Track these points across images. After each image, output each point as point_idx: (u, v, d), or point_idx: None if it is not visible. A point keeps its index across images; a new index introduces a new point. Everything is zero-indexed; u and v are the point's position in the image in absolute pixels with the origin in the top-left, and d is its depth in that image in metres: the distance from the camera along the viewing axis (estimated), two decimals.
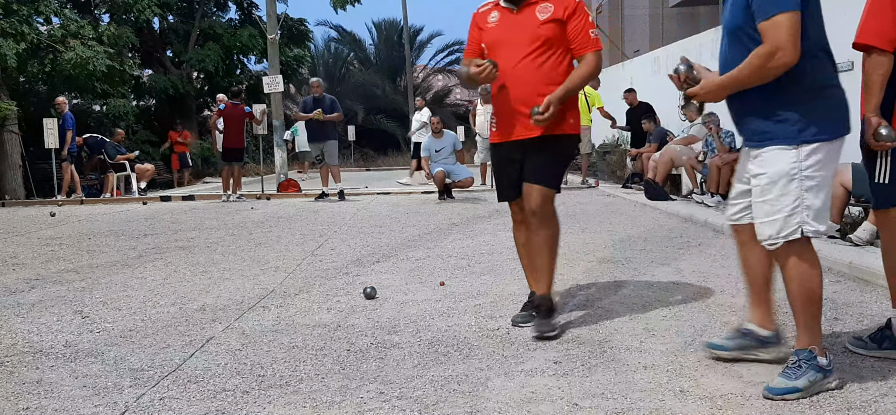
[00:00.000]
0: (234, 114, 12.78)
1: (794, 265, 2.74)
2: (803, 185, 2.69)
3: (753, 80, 2.71)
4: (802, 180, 2.69)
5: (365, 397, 2.83)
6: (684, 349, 3.34)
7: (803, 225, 2.70)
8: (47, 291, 5.07)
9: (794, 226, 2.71)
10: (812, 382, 2.71)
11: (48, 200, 13.31)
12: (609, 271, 5.22)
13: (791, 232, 2.71)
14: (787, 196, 2.70)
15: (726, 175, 9.02)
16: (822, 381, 2.73)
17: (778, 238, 2.74)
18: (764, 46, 2.64)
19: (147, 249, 6.94)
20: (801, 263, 2.74)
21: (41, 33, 15.55)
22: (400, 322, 3.93)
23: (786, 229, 2.72)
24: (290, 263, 5.97)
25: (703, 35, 12.53)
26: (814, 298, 2.75)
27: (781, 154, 2.70)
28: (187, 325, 4.02)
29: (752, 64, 2.68)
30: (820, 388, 2.73)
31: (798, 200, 2.69)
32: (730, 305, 4.14)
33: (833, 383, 2.76)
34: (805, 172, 2.68)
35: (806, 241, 2.73)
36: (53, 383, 3.11)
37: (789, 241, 2.72)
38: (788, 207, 2.70)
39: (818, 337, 2.78)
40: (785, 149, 2.70)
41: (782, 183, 2.71)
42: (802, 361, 2.74)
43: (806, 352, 2.75)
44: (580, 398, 2.77)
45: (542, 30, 3.60)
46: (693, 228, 7.47)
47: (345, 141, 21.54)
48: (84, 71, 15.02)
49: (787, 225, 2.71)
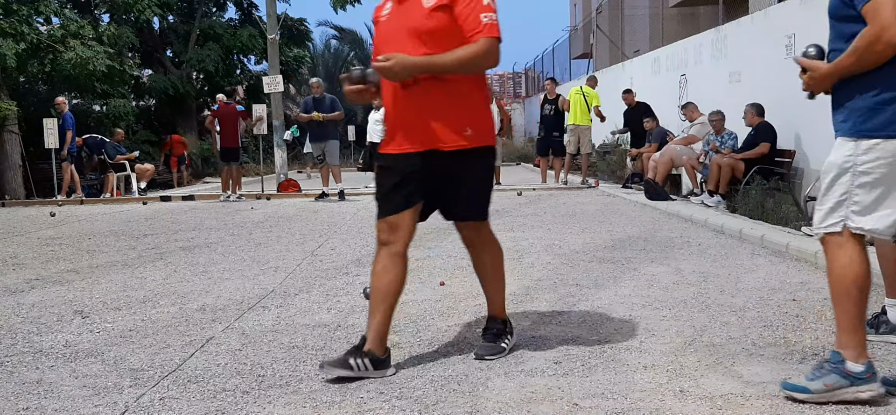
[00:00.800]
0: (228, 113, 12.83)
1: (832, 259, 2.66)
2: (856, 180, 2.60)
3: (859, 66, 2.58)
4: (856, 175, 2.60)
5: (365, 397, 2.83)
6: (684, 349, 3.34)
7: (847, 220, 2.61)
8: (47, 291, 5.07)
9: (836, 219, 2.63)
10: (830, 386, 2.59)
11: (48, 201, 13.30)
12: (609, 271, 5.22)
13: (832, 224, 2.64)
14: (837, 188, 2.63)
15: (726, 175, 9.02)
16: (846, 387, 2.59)
17: (819, 228, 2.68)
18: (868, 29, 2.51)
19: (147, 249, 6.94)
20: (839, 257, 2.64)
21: (41, 33, 15.56)
22: (400, 322, 3.93)
23: (827, 221, 2.66)
24: (290, 263, 5.97)
25: (702, 35, 12.53)
26: (850, 297, 2.61)
27: (842, 145, 2.64)
28: (187, 325, 4.02)
29: (857, 49, 2.56)
30: (842, 395, 2.59)
31: (846, 194, 2.61)
32: (730, 306, 4.14)
33: (864, 392, 2.58)
34: (860, 168, 2.58)
35: (850, 236, 2.63)
36: (53, 383, 3.11)
37: (831, 233, 2.65)
38: (834, 199, 2.64)
39: (854, 340, 2.62)
40: (845, 140, 2.63)
41: (834, 174, 2.64)
42: (828, 362, 2.65)
43: (835, 354, 2.64)
44: (580, 398, 2.77)
45: (429, 20, 3.03)
46: (693, 228, 7.46)
47: (345, 141, 21.54)
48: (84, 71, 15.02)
49: (830, 217, 2.65)
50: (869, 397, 2.59)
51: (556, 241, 6.70)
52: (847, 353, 2.61)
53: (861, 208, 2.60)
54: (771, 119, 8.90)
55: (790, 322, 3.77)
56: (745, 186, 8.58)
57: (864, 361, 2.61)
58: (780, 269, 5.22)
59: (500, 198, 11.18)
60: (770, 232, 6.45)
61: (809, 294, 4.39)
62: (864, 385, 2.59)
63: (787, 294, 4.40)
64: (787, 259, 5.57)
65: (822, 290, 4.49)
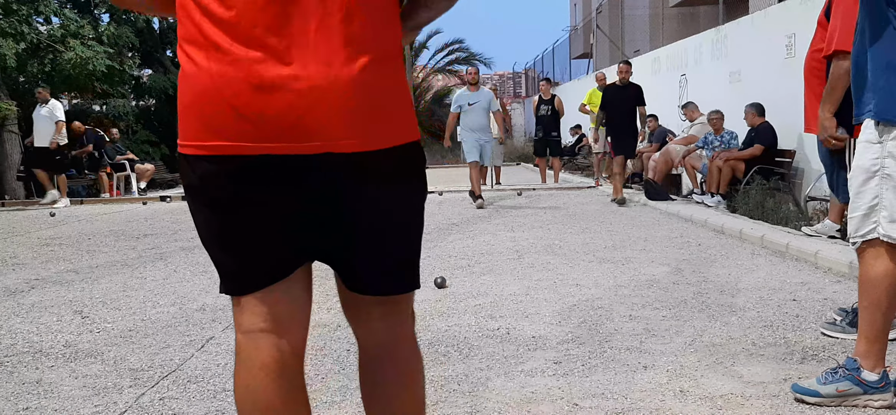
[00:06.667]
0: None
1: (868, 267, 2.57)
2: (884, 184, 2.50)
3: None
4: (884, 179, 2.50)
5: None
6: (684, 349, 3.34)
7: (878, 227, 2.52)
8: (47, 291, 5.07)
9: (871, 225, 2.54)
10: (842, 391, 2.56)
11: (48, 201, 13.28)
12: (609, 271, 5.22)
13: (868, 232, 2.54)
14: (866, 193, 2.53)
15: (726, 175, 9.02)
16: (860, 395, 2.56)
17: (856, 237, 2.58)
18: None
19: (147, 249, 6.94)
20: (875, 267, 2.54)
21: (41, 33, 15.55)
22: None
23: (863, 228, 2.56)
24: None
25: (702, 35, 12.53)
26: (879, 308, 2.53)
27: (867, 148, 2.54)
28: (187, 325, 4.02)
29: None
30: (854, 402, 2.56)
31: (877, 199, 2.51)
32: (730, 305, 4.14)
33: (877, 402, 2.55)
34: (887, 170, 2.49)
35: (887, 245, 2.52)
36: (53, 383, 3.11)
37: (868, 241, 2.55)
38: (866, 205, 2.54)
39: (874, 348, 2.57)
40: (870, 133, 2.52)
41: (863, 178, 2.55)
42: (844, 367, 2.60)
43: (851, 360, 2.60)
44: (580, 398, 2.77)
45: None
46: (693, 228, 7.46)
47: None
48: (84, 71, 15.01)
49: (864, 224, 2.55)
50: (880, 406, 2.56)
51: (556, 241, 6.70)
52: (865, 361, 2.57)
53: (891, 214, 2.50)
54: (771, 119, 8.89)
55: (790, 322, 3.77)
56: (745, 185, 8.58)
57: (881, 370, 2.57)
58: (780, 269, 5.22)
59: (500, 197, 11.19)
60: (770, 232, 6.45)
61: (809, 294, 4.39)
62: (877, 395, 2.56)
63: (787, 294, 4.40)
64: (787, 259, 5.57)
65: (822, 290, 4.50)
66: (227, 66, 1.40)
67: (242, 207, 1.47)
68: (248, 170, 1.44)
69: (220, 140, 1.42)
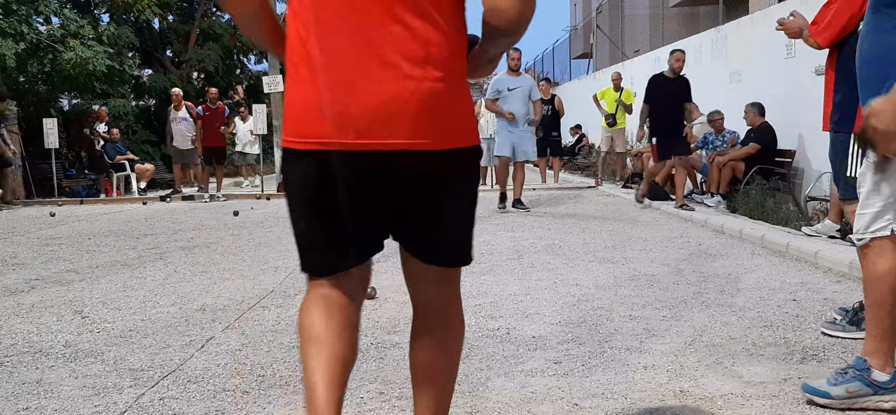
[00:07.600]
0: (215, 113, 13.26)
1: (871, 264, 2.53)
2: None
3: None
4: None
5: (365, 397, 2.83)
6: (684, 349, 3.34)
7: (893, 224, 2.47)
8: (47, 291, 5.07)
9: (883, 223, 2.48)
10: (853, 392, 2.53)
11: (48, 200, 13.30)
12: (609, 271, 5.22)
13: (880, 228, 2.48)
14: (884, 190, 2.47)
15: (727, 175, 9.02)
16: (870, 396, 2.53)
17: (866, 233, 2.52)
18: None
19: (147, 249, 6.94)
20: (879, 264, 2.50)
21: (41, 33, 15.55)
22: (400, 322, 3.93)
23: (875, 225, 2.49)
24: (290, 263, 5.96)
25: (702, 35, 12.52)
26: (884, 306, 2.50)
27: None
28: (187, 325, 4.02)
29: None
30: (864, 403, 2.53)
31: (893, 196, 2.46)
32: (730, 305, 4.14)
33: (887, 402, 2.50)
34: None
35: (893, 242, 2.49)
36: (53, 383, 3.11)
37: (876, 238, 2.50)
38: (881, 202, 2.49)
39: (882, 347, 2.52)
40: None
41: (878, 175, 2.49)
42: (853, 368, 2.56)
43: (860, 360, 2.55)
44: (580, 398, 2.77)
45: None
46: (693, 229, 7.46)
47: None
48: (84, 71, 15.02)
49: (877, 221, 2.49)
50: (891, 407, 2.52)
51: (556, 241, 6.70)
52: (874, 360, 2.54)
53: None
54: (771, 119, 8.90)
55: (790, 322, 3.77)
56: (745, 185, 8.58)
57: (891, 370, 2.53)
58: (780, 269, 5.22)
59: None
60: (770, 232, 6.45)
61: (809, 294, 4.39)
62: (887, 395, 2.52)
63: (787, 294, 4.40)
64: (787, 259, 5.57)
65: (822, 290, 4.50)
66: (323, 83, 1.70)
67: (333, 194, 1.75)
68: (341, 164, 1.72)
69: (320, 138, 1.71)
